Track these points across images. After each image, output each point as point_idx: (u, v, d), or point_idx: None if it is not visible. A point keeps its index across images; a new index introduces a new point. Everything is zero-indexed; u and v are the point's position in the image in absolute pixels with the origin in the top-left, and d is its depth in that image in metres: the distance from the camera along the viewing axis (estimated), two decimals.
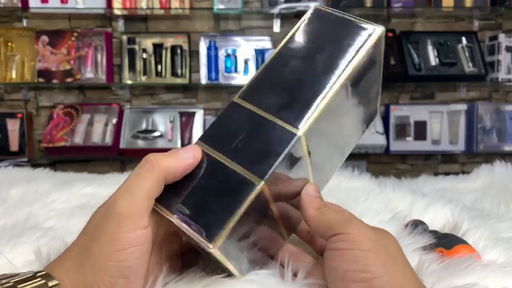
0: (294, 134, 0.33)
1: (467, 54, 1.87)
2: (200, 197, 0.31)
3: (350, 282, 0.29)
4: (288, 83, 0.35)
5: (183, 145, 1.85)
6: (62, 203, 0.62)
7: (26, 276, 0.27)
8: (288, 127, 0.33)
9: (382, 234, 0.32)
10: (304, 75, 0.35)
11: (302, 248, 0.38)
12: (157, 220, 0.31)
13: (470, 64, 1.86)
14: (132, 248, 0.28)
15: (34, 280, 0.27)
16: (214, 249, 0.29)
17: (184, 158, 0.31)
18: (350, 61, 0.35)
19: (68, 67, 1.84)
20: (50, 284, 0.27)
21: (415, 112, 1.90)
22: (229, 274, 0.33)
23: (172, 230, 0.34)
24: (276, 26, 1.93)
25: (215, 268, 0.34)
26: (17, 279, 0.27)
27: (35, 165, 1.35)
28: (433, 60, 1.87)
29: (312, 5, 0.45)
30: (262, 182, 0.31)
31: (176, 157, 0.31)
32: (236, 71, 1.90)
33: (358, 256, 0.29)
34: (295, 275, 0.35)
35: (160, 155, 0.31)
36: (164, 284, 0.33)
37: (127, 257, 0.28)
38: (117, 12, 1.84)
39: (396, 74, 1.84)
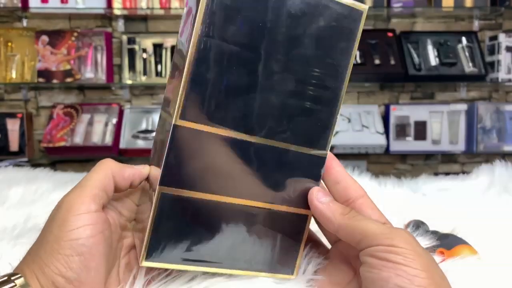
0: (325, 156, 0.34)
1: (467, 54, 1.87)
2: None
3: None
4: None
5: None
6: None
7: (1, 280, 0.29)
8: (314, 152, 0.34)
9: (427, 252, 0.30)
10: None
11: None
12: (117, 209, 0.35)
13: (470, 64, 1.86)
14: (83, 227, 0.30)
15: (8, 284, 0.28)
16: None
17: (133, 167, 0.34)
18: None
19: (68, 67, 1.84)
20: (15, 279, 0.29)
21: (415, 112, 1.90)
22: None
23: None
24: None
25: None
26: None
27: (35, 165, 1.35)
28: (433, 60, 1.87)
29: None
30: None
31: (125, 165, 0.34)
32: None
33: (413, 274, 0.28)
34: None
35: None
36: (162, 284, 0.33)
37: (79, 235, 0.29)
38: (117, 12, 1.84)
39: (396, 74, 1.84)
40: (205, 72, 0.30)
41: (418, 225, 0.47)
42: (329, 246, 0.37)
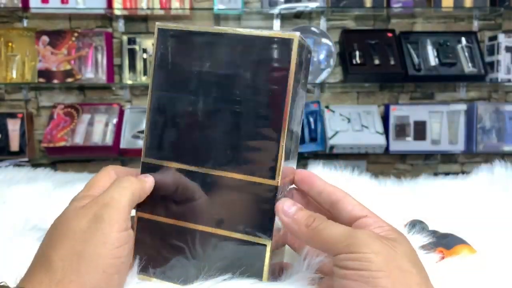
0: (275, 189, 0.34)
1: (466, 54, 1.87)
2: None
3: None
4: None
5: None
6: (62, 203, 0.62)
7: None
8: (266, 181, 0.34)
9: (394, 245, 0.30)
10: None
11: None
12: None
13: (470, 64, 1.86)
14: (123, 246, 0.31)
15: None
16: None
17: (146, 181, 0.36)
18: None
19: (68, 67, 1.84)
20: None
21: (415, 112, 1.90)
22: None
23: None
24: (276, 27, 1.93)
25: None
26: None
27: (35, 165, 1.35)
28: (432, 60, 1.87)
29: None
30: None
31: (142, 180, 0.35)
32: None
33: (368, 277, 0.28)
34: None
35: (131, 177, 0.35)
36: None
37: (121, 253, 0.31)
38: (117, 12, 1.84)
39: (396, 74, 1.85)
40: (159, 118, 0.36)
41: (417, 224, 0.47)
42: None
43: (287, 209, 0.33)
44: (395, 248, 0.30)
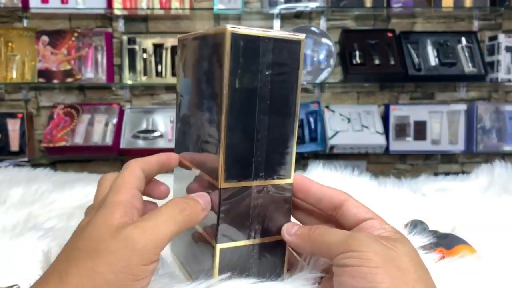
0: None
1: (466, 54, 1.87)
2: None
3: None
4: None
5: None
6: (62, 203, 0.62)
7: None
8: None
9: (394, 245, 0.30)
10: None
11: None
12: None
13: (470, 64, 1.86)
14: (146, 279, 0.29)
15: None
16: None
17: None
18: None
19: (68, 67, 1.84)
20: None
21: (415, 112, 1.90)
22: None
23: None
24: (276, 27, 1.93)
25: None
26: None
27: (35, 165, 1.35)
28: (433, 60, 1.87)
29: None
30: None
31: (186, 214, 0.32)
32: None
33: (366, 272, 0.29)
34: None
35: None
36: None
37: (141, 285, 0.29)
38: (117, 12, 1.84)
39: (396, 74, 1.84)
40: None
41: (417, 224, 0.47)
42: None
43: (290, 229, 0.35)
44: (395, 248, 0.30)
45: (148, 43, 1.90)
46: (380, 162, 2.02)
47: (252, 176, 0.33)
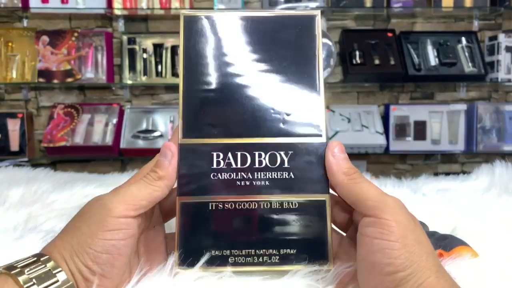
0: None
1: (466, 54, 1.87)
2: None
3: (376, 274, 0.30)
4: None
5: None
6: (62, 204, 0.62)
7: (30, 261, 0.31)
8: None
9: (414, 218, 0.32)
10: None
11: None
12: (146, 215, 0.36)
13: (470, 64, 1.86)
14: (117, 230, 0.32)
15: (38, 264, 0.30)
16: None
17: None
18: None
19: (68, 67, 1.84)
20: (44, 261, 0.31)
21: (415, 112, 1.90)
22: None
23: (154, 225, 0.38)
24: None
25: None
26: (22, 264, 0.30)
27: (35, 165, 1.35)
28: (433, 60, 1.87)
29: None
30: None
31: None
32: None
33: (385, 248, 0.30)
34: None
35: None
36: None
37: (113, 236, 0.32)
38: (117, 12, 1.84)
39: (396, 74, 1.85)
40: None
41: None
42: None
43: (337, 152, 0.36)
44: (414, 220, 0.32)
45: (148, 43, 1.90)
46: (380, 162, 2.02)
47: None
